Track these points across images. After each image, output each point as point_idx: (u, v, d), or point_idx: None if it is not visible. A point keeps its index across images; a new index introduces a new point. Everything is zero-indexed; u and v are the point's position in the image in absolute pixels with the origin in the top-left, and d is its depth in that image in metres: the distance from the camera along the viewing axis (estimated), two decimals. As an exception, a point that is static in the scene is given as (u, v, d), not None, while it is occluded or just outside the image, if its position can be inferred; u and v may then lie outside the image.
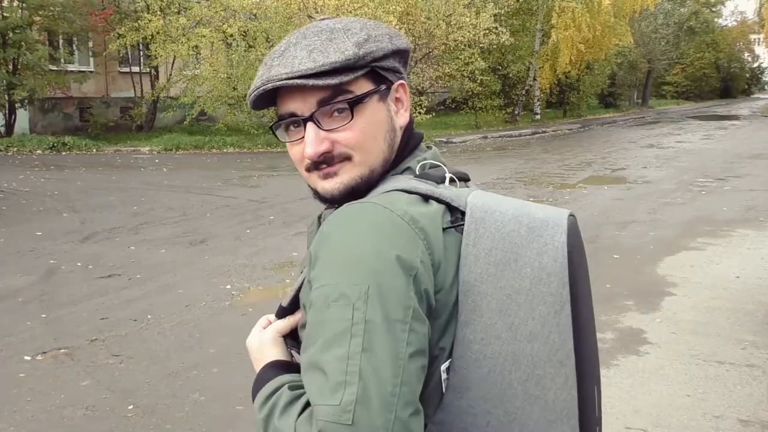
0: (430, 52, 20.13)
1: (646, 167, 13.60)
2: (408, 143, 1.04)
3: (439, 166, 1.02)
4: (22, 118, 18.18)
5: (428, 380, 0.88)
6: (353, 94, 0.96)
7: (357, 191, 0.98)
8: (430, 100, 21.20)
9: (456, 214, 0.95)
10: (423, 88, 20.45)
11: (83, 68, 19.88)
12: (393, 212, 0.89)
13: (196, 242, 7.19)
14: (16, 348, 4.31)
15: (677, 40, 43.59)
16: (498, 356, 0.90)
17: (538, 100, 28.36)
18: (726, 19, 58.89)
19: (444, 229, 0.93)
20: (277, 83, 0.94)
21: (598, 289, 5.45)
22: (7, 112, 17.23)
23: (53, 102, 19.11)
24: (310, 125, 0.96)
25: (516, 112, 26.93)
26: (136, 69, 20.83)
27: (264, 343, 1.01)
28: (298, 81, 0.93)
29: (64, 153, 16.02)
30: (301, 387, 0.86)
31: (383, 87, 0.99)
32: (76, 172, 12.86)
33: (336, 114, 0.96)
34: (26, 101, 17.20)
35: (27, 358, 4.16)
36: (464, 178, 1.05)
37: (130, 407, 3.51)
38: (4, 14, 16.53)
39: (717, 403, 3.50)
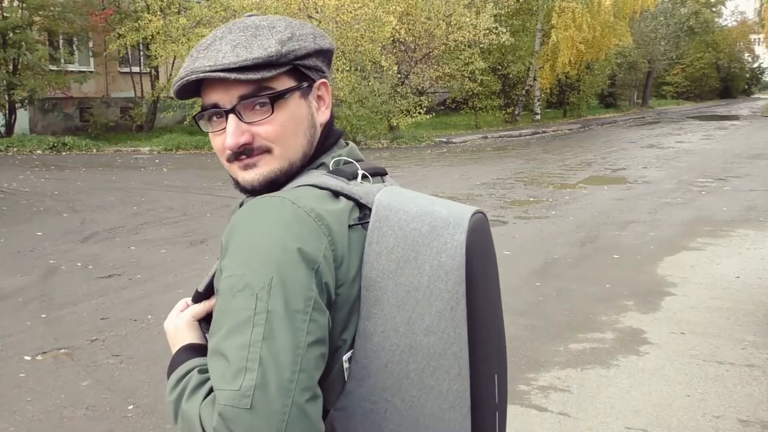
0: (430, 52, 20.14)
1: (646, 167, 13.60)
2: (327, 140, 1.08)
3: (352, 162, 1.05)
4: (22, 118, 18.18)
5: (331, 368, 0.93)
6: (274, 90, 0.99)
7: (276, 183, 1.01)
8: (430, 100, 21.21)
9: (364, 211, 0.99)
10: (423, 88, 20.46)
11: (83, 68, 19.88)
12: (300, 208, 0.92)
13: (196, 242, 7.19)
14: (16, 348, 4.30)
15: (677, 41, 43.57)
16: (396, 348, 0.94)
17: (538, 100, 28.36)
18: (726, 19, 58.90)
19: (350, 226, 0.96)
20: (201, 75, 0.96)
21: (598, 289, 5.46)
22: (7, 112, 17.23)
23: (53, 102, 19.12)
24: (231, 117, 0.99)
25: (516, 112, 26.93)
26: (136, 69, 20.83)
27: (180, 326, 1.05)
28: (221, 74, 0.95)
29: (64, 153, 16.02)
30: None
31: (305, 84, 1.03)
32: (76, 172, 12.87)
33: (257, 108, 0.99)
34: (26, 101, 17.20)
35: (27, 358, 4.16)
36: (380, 173, 1.09)
37: (130, 407, 3.51)
38: (4, 14, 16.53)
39: (717, 403, 3.50)
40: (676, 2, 44.31)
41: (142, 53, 20.69)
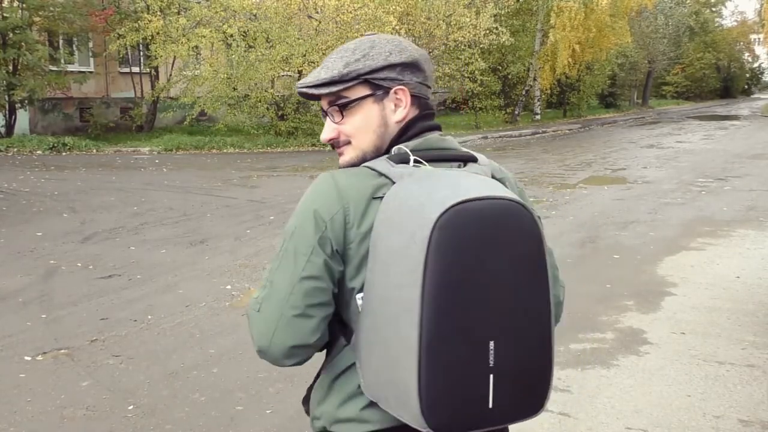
0: (430, 52, 20.12)
1: (646, 167, 13.60)
2: (404, 134, 1.33)
3: (406, 152, 1.28)
4: (22, 118, 18.17)
5: (349, 303, 1.27)
6: (347, 98, 1.32)
7: (357, 166, 1.33)
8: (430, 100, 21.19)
9: None
10: (423, 88, 20.41)
11: (83, 68, 19.86)
12: (333, 180, 1.27)
13: (196, 242, 7.19)
14: (16, 348, 4.30)
15: (677, 40, 43.55)
16: (377, 296, 1.20)
17: (538, 100, 28.35)
18: (726, 19, 58.89)
19: (375, 198, 1.24)
20: (298, 89, 1.37)
21: (598, 289, 5.46)
22: (7, 112, 17.21)
23: (53, 102, 19.11)
24: (327, 118, 1.36)
25: (516, 112, 26.92)
26: (136, 69, 20.81)
27: None
28: (305, 89, 1.34)
29: (64, 153, 16.02)
30: None
31: (379, 92, 1.32)
32: (76, 172, 12.86)
33: (338, 112, 1.33)
34: (26, 102, 17.18)
35: (27, 358, 4.16)
36: (456, 159, 1.32)
37: (130, 407, 3.51)
38: (4, 14, 16.52)
39: (717, 403, 3.50)
40: (677, 2, 44.29)
41: (142, 53, 20.66)
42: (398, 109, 1.33)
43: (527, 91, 27.16)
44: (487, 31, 19.66)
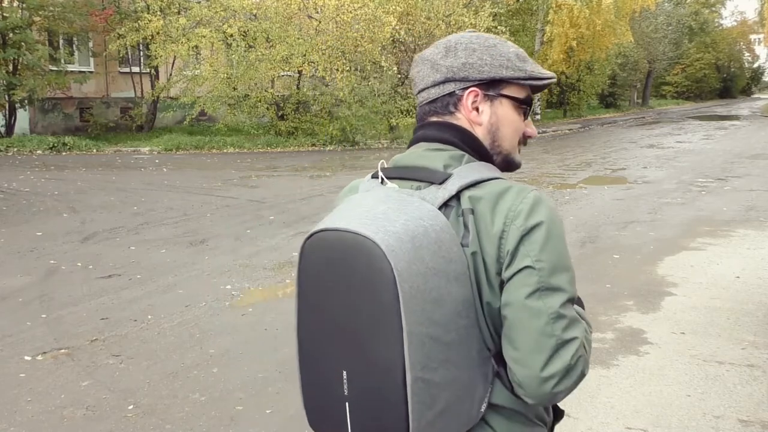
0: (430, 52, 20.11)
1: (646, 167, 13.60)
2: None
3: (377, 169, 1.27)
4: (22, 118, 18.17)
5: None
6: None
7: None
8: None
9: None
10: (423, 88, 20.43)
11: (83, 68, 19.86)
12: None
13: (196, 242, 7.19)
14: (16, 348, 4.30)
15: (677, 40, 43.55)
16: None
17: (538, 100, 28.34)
18: (726, 19, 58.92)
19: None
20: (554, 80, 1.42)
21: (598, 289, 5.46)
22: (7, 112, 17.22)
23: (53, 102, 19.11)
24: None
25: (516, 112, 26.88)
26: (136, 69, 20.81)
27: None
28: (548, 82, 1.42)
29: (64, 153, 16.02)
30: None
31: None
32: (76, 172, 12.86)
33: None
34: (26, 101, 17.19)
35: (27, 358, 4.16)
36: (414, 178, 1.23)
37: (130, 407, 3.51)
38: (4, 14, 16.51)
39: (717, 403, 3.50)
40: (677, 2, 44.28)
41: (142, 53, 20.66)
42: None
43: (527, 91, 27.12)
44: (487, 31, 19.63)
